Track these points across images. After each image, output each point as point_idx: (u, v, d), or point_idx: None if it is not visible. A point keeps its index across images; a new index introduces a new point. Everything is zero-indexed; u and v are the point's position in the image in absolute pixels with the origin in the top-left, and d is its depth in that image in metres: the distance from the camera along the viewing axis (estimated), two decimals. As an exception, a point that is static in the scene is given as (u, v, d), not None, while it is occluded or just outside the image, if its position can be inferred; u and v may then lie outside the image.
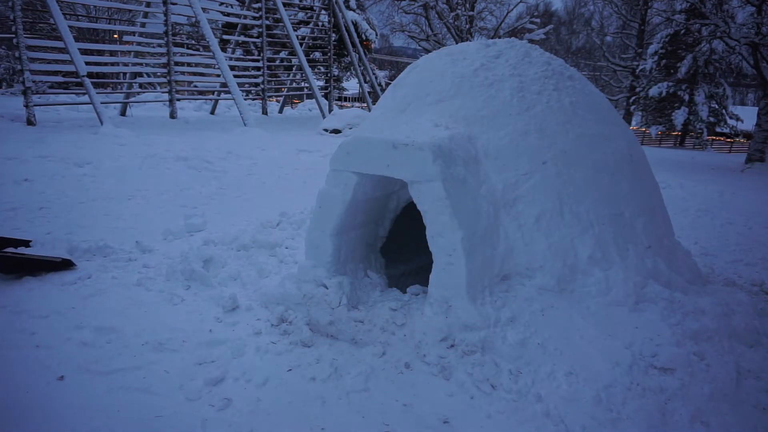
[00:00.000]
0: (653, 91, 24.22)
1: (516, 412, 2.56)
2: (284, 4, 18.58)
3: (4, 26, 18.32)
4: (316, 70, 22.38)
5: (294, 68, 21.88)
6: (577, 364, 2.77)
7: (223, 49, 17.83)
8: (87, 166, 8.00)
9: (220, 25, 22.15)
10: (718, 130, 26.69)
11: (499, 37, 13.18)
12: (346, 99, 40.48)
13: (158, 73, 17.10)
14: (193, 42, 19.25)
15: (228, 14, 18.95)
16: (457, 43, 15.06)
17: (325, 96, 20.39)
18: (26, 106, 11.79)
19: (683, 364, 2.82)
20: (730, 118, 25.56)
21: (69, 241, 4.48)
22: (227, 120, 16.36)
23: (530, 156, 3.45)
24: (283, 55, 22.06)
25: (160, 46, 15.16)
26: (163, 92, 18.11)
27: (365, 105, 22.27)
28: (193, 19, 15.99)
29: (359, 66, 21.30)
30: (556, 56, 4.20)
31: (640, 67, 26.19)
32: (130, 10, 25.79)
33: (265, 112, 19.53)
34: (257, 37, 19.19)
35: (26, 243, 4.27)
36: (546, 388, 2.65)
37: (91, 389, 2.67)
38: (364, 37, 24.43)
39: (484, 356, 2.83)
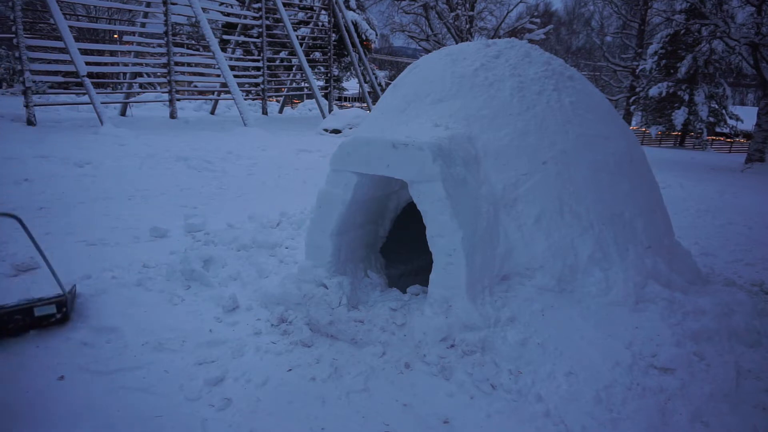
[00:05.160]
0: (653, 91, 24.20)
1: (516, 412, 2.56)
2: (284, 4, 18.59)
3: (4, 26, 18.30)
4: (316, 70, 22.40)
5: (294, 68, 21.88)
6: (577, 364, 2.77)
7: (223, 49, 17.84)
8: (87, 166, 8.01)
9: (220, 25, 22.16)
10: (718, 130, 26.66)
11: (499, 37, 13.17)
12: (346, 99, 40.49)
13: (158, 73, 17.10)
14: (193, 42, 19.24)
15: (228, 14, 18.95)
16: (457, 43, 15.06)
17: (325, 96, 20.40)
18: (26, 106, 11.79)
19: (683, 364, 2.82)
20: (730, 118, 25.54)
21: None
22: (227, 120, 16.36)
23: (530, 156, 3.45)
24: (283, 55, 22.05)
25: (160, 46, 15.17)
26: (163, 92, 18.13)
27: (365, 105, 22.28)
28: (193, 19, 16.00)
29: (359, 66, 21.30)
30: (556, 56, 4.20)
31: (640, 67, 26.16)
32: (130, 10, 25.79)
33: (265, 112, 19.53)
34: (257, 37, 19.20)
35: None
36: (546, 388, 2.65)
37: (91, 389, 2.67)
38: (364, 37, 24.42)
39: (484, 356, 2.83)
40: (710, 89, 24.10)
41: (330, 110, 18.63)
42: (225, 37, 20.19)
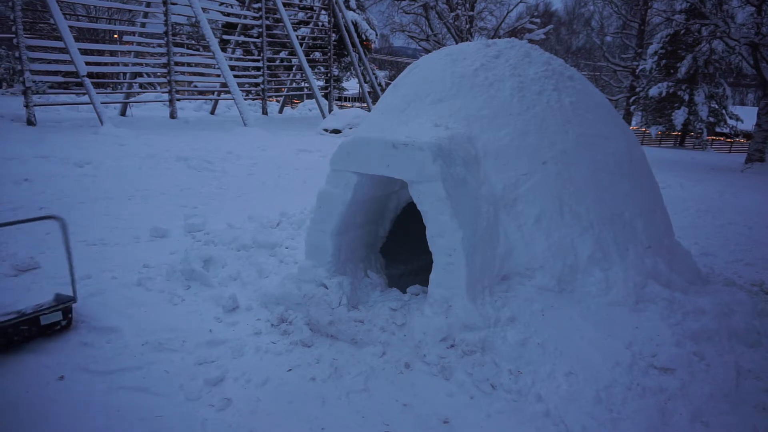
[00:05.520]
0: (653, 91, 24.19)
1: (516, 412, 2.56)
2: (284, 4, 18.58)
3: (4, 26, 18.30)
4: (316, 70, 22.39)
5: (294, 68, 21.88)
6: (577, 364, 2.77)
7: (223, 49, 17.83)
8: (87, 166, 8.01)
9: (220, 25, 22.15)
10: (718, 130, 26.67)
11: (499, 37, 13.18)
12: (346, 99, 40.47)
13: (158, 73, 17.11)
14: (193, 42, 19.23)
15: (228, 14, 18.96)
16: (457, 43, 15.06)
17: (325, 96, 20.39)
18: (26, 106, 11.79)
19: (683, 364, 2.82)
20: (730, 118, 25.53)
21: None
22: (227, 120, 16.36)
23: (530, 156, 3.45)
24: (283, 55, 22.04)
25: (160, 46, 15.17)
26: (163, 92, 18.13)
27: (365, 105, 22.27)
28: (193, 19, 16.00)
29: (359, 66, 21.30)
30: (556, 56, 4.20)
31: (640, 67, 26.15)
32: (130, 10, 25.79)
33: (265, 112, 19.53)
34: (257, 37, 19.19)
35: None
36: (546, 388, 2.65)
37: (91, 389, 2.67)
38: (364, 37, 24.41)
39: (484, 356, 2.83)
40: (710, 89, 24.09)
41: (330, 110, 18.63)
42: (225, 37, 20.19)
